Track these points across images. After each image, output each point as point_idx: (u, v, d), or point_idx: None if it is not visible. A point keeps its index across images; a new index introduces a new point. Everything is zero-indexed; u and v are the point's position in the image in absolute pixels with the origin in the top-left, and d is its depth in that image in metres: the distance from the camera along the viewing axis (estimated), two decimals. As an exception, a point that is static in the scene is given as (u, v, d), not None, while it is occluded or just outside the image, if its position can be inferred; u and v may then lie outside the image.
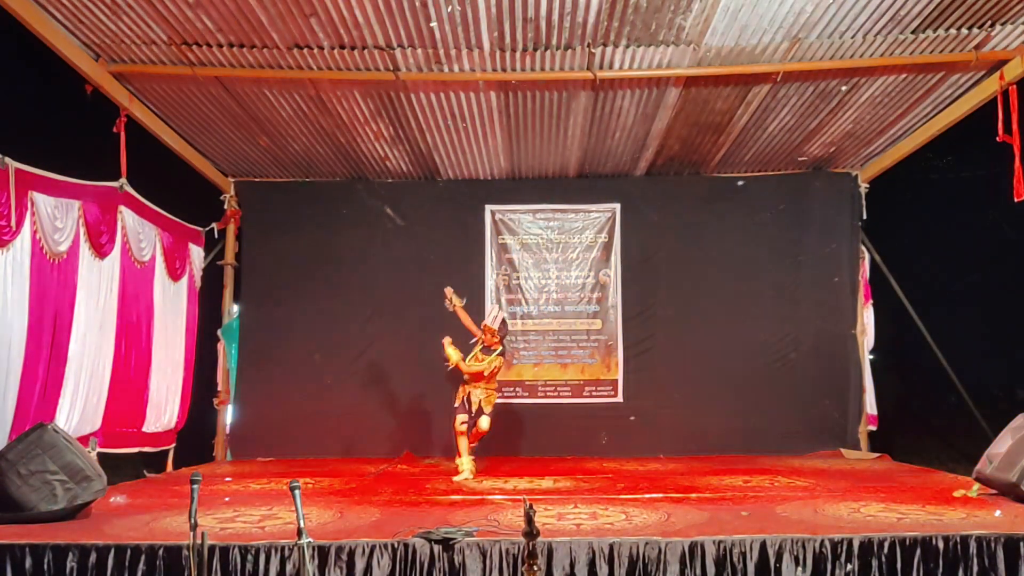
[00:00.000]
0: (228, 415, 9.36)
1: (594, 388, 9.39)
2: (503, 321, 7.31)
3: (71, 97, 6.69)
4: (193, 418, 8.79)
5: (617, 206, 9.59)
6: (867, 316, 9.44)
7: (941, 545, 4.22)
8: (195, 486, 3.40)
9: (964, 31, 6.27)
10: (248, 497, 5.96)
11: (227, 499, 5.83)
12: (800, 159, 8.93)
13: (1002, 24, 6.20)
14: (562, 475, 7.16)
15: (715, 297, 9.34)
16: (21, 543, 4.18)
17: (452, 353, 7.17)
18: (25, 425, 5.75)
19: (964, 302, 8.05)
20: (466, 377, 7.18)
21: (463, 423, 7.10)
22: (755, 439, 8.90)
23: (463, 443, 7.11)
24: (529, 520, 3.38)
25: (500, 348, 7.24)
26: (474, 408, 7.14)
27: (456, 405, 7.24)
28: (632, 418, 9.14)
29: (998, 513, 4.90)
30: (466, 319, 7.38)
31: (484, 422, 7.14)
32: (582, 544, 4.19)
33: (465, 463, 7.06)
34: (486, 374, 7.13)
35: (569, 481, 6.83)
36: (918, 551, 4.21)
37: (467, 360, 7.19)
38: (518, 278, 9.59)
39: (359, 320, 9.40)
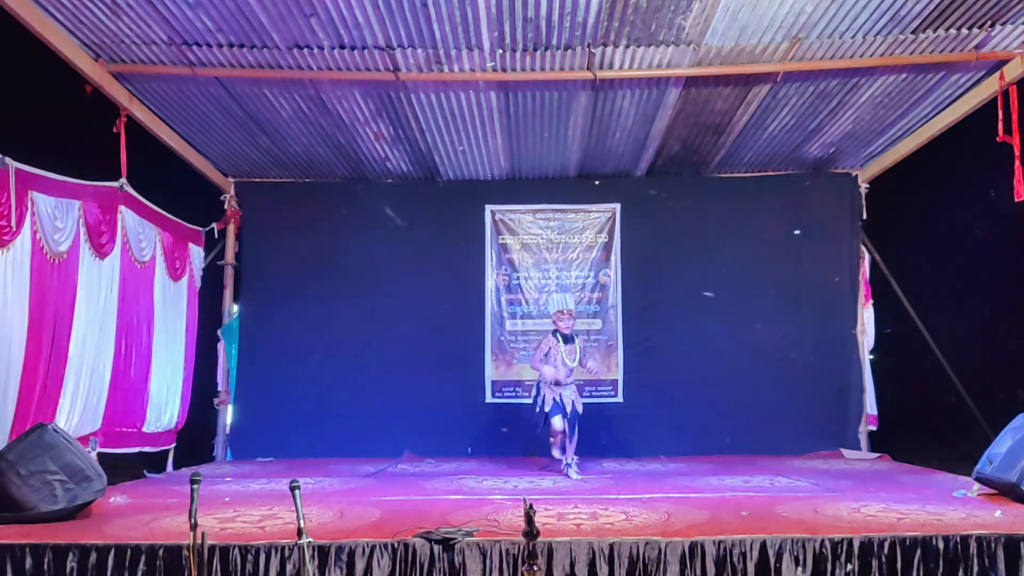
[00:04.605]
0: (228, 415, 9.37)
1: (594, 388, 9.39)
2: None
3: (71, 97, 6.68)
4: (193, 418, 8.78)
5: (617, 206, 9.59)
6: (867, 316, 9.45)
7: (941, 545, 4.22)
8: (195, 486, 3.40)
9: (964, 31, 6.27)
10: (248, 497, 5.97)
11: (227, 499, 5.83)
12: (797, 156, 8.94)
13: (1002, 24, 6.20)
14: (562, 475, 7.15)
15: (715, 297, 9.34)
16: (21, 543, 4.19)
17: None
18: (25, 425, 5.76)
19: (964, 302, 8.00)
20: (549, 380, 7.22)
21: (561, 421, 7.14)
22: (755, 439, 8.90)
23: (567, 443, 7.18)
24: (529, 520, 3.38)
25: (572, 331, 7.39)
26: (568, 408, 7.15)
27: (548, 409, 7.21)
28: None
29: (998, 513, 4.89)
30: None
31: (558, 422, 7.13)
32: (582, 544, 4.20)
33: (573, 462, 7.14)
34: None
35: (569, 481, 6.84)
36: (918, 551, 4.21)
37: (565, 357, 7.22)
38: (518, 278, 9.59)
39: (359, 320, 9.39)
